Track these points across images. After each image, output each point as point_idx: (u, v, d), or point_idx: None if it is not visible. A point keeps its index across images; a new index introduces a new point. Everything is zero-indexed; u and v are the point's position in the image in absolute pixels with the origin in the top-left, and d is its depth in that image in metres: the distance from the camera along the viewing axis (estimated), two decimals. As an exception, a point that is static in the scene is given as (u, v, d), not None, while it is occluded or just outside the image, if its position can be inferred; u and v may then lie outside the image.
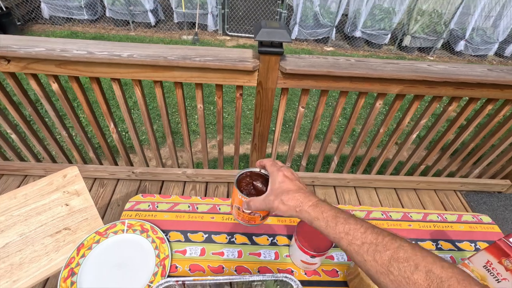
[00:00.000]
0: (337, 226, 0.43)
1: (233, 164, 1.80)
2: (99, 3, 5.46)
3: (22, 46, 1.14)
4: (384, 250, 0.38)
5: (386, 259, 0.37)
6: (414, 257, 0.35)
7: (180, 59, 1.16)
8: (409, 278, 0.34)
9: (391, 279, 0.36)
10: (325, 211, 0.45)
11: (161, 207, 0.87)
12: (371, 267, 0.39)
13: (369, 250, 0.39)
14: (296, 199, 0.48)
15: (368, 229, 0.41)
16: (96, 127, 1.52)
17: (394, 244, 0.38)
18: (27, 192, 0.96)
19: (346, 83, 1.28)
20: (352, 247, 0.41)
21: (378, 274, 0.38)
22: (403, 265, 0.35)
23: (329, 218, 0.44)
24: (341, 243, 0.43)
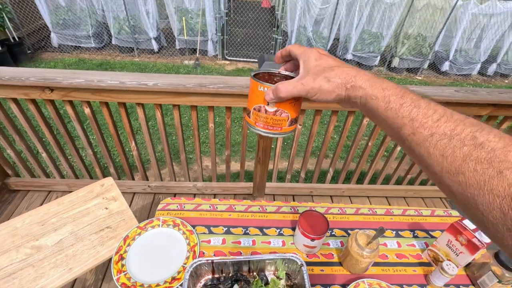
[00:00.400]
0: (401, 108, 0.33)
1: (239, 177, 2.00)
2: (106, 32, 5.83)
3: (65, 78, 1.36)
4: (461, 145, 0.29)
5: (460, 156, 0.29)
6: (501, 160, 0.26)
7: (197, 86, 1.39)
8: (485, 182, 0.26)
9: (460, 180, 0.28)
10: (387, 89, 0.35)
11: (187, 207, 1.06)
12: (436, 164, 0.31)
13: (439, 143, 0.30)
14: (346, 73, 0.38)
15: (443, 116, 0.31)
16: (119, 145, 1.73)
17: (476, 140, 0.28)
18: (72, 199, 1.15)
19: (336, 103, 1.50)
20: (416, 137, 0.32)
21: (443, 173, 0.30)
22: (483, 167, 0.27)
23: (392, 98, 0.34)
24: (402, 131, 0.34)
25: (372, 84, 0.36)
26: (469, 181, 0.28)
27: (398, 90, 0.35)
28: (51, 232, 1.03)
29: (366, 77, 0.37)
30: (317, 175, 1.97)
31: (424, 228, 1.06)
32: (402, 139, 0.35)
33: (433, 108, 0.33)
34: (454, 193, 0.30)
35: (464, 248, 0.83)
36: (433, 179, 0.33)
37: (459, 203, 0.30)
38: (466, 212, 0.30)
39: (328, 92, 0.39)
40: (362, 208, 1.12)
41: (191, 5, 5.36)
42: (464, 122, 0.30)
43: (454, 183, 0.30)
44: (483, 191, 0.27)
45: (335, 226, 1.04)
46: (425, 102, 0.33)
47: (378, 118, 0.37)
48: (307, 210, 0.92)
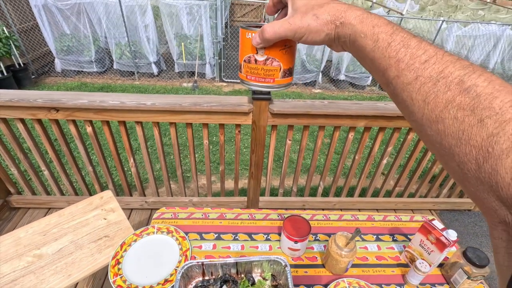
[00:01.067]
0: (388, 47, 0.31)
1: (234, 192, 2.07)
2: (108, 57, 6.08)
3: (69, 99, 1.47)
4: (445, 90, 0.26)
5: (442, 102, 0.26)
6: (485, 107, 0.24)
7: (191, 105, 1.50)
8: (464, 131, 0.25)
9: (439, 128, 0.26)
10: (378, 25, 0.32)
11: (181, 216, 1.13)
12: (417, 111, 0.29)
13: (423, 87, 0.28)
14: (336, 9, 0.34)
15: (433, 57, 0.28)
16: (118, 163, 1.81)
17: (463, 84, 0.26)
18: (72, 210, 1.22)
19: (322, 119, 1.62)
20: (400, 80, 0.30)
21: (423, 120, 0.28)
22: (464, 114, 0.25)
23: (381, 36, 0.31)
24: (387, 73, 0.31)
25: (363, 20, 0.33)
26: (448, 129, 0.26)
27: (389, 27, 0.32)
28: (52, 241, 1.10)
29: (358, 12, 0.34)
30: (309, 188, 2.04)
31: (403, 232, 1.13)
32: (387, 83, 0.32)
33: (423, 48, 0.29)
34: (433, 144, 0.28)
35: (434, 246, 0.90)
36: (415, 129, 0.31)
37: (438, 155, 0.29)
38: (444, 165, 0.29)
39: (316, 31, 0.35)
40: (345, 214, 1.19)
41: (190, 31, 5.65)
42: (454, 64, 0.27)
43: (433, 132, 0.27)
44: (460, 141, 0.25)
45: (319, 231, 1.11)
46: (415, 41, 0.30)
47: (366, 60, 0.34)
48: (291, 215, 1.00)
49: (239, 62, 0.46)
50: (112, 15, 5.32)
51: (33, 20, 5.43)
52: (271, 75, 0.44)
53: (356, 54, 0.36)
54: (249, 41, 0.42)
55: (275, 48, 0.41)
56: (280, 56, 0.42)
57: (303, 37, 0.37)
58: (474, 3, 9.46)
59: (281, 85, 0.45)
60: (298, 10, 0.37)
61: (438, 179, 2.08)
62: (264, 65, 0.43)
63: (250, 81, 0.45)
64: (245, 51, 0.43)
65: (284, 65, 0.43)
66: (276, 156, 3.65)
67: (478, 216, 2.21)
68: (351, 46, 0.35)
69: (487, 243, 2.03)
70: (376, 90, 6.50)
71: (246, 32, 0.42)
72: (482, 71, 0.26)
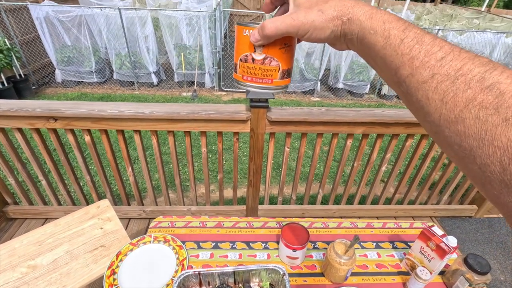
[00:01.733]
0: (401, 44, 0.29)
1: (232, 201, 2.05)
2: (108, 67, 6.14)
3: (68, 108, 1.48)
4: (465, 88, 0.25)
5: (462, 101, 0.25)
6: (510, 106, 0.22)
7: (190, 113, 1.50)
8: (487, 131, 0.23)
9: (459, 129, 0.25)
10: (388, 21, 0.31)
11: (178, 225, 1.12)
12: (434, 111, 0.27)
13: (440, 86, 0.26)
14: (343, 4, 0.33)
15: (449, 54, 0.27)
16: (116, 172, 1.80)
17: (484, 82, 0.24)
18: (68, 220, 1.21)
19: (320, 127, 1.62)
20: (415, 79, 0.28)
21: (441, 121, 0.27)
22: (487, 113, 0.23)
23: (393, 32, 0.30)
24: (399, 72, 0.29)
25: (372, 15, 0.31)
26: (469, 130, 0.24)
27: (400, 23, 0.30)
28: (47, 252, 1.08)
29: (366, 8, 0.32)
30: (308, 195, 2.03)
31: (403, 239, 1.12)
32: (399, 82, 0.30)
33: (438, 45, 0.28)
34: (451, 146, 0.27)
35: (434, 253, 0.88)
36: (430, 132, 0.29)
37: (456, 157, 0.27)
38: (462, 168, 0.27)
39: (321, 28, 0.34)
40: (344, 222, 1.18)
41: (189, 41, 5.72)
42: (473, 61, 0.26)
43: (452, 133, 0.26)
44: (483, 142, 0.23)
45: (318, 239, 1.09)
46: (430, 38, 0.28)
47: (376, 59, 0.32)
48: (289, 223, 0.99)
49: (234, 62, 0.43)
50: (113, 27, 5.39)
51: (34, 32, 5.50)
52: (269, 75, 0.41)
53: (364, 52, 0.34)
54: (246, 39, 0.40)
55: (274, 47, 0.39)
56: (279, 55, 0.40)
57: (306, 34, 0.35)
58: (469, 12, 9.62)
59: (279, 87, 0.43)
60: (301, 6, 0.35)
61: (438, 185, 2.07)
62: (262, 65, 0.41)
63: (246, 81, 0.43)
64: (242, 49, 0.41)
65: (283, 65, 0.41)
66: (275, 164, 3.64)
67: (479, 223, 2.19)
68: (359, 43, 0.33)
69: (490, 250, 2.00)
70: (374, 98, 6.54)
71: (243, 29, 0.40)
72: (503, 68, 0.25)
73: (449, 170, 1.97)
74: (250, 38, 0.39)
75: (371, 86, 6.44)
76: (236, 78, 0.45)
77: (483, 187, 0.25)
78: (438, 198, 2.18)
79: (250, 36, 0.39)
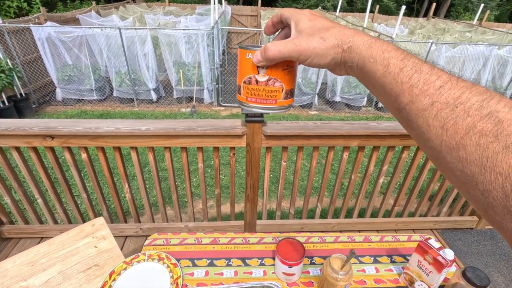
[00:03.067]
0: (401, 73, 0.30)
1: (230, 216, 2.03)
2: (108, 85, 6.23)
3: (65, 126, 1.49)
4: (464, 116, 0.26)
5: (462, 128, 0.26)
6: (509, 134, 0.23)
7: (186, 129, 1.52)
8: (488, 158, 0.24)
9: (460, 156, 0.26)
10: (387, 51, 0.32)
11: (173, 242, 1.10)
12: (435, 137, 0.28)
13: (440, 113, 0.27)
14: (343, 33, 0.35)
15: (447, 83, 0.28)
16: (113, 189, 1.80)
17: (482, 110, 0.25)
18: (63, 239, 1.19)
19: (315, 140, 1.63)
20: (415, 106, 0.29)
21: (442, 147, 0.27)
22: (487, 140, 0.24)
23: (392, 61, 0.31)
24: (399, 99, 0.31)
25: (371, 44, 0.33)
26: (470, 156, 0.25)
27: (399, 53, 0.32)
28: (40, 272, 1.06)
29: (366, 37, 0.34)
30: (306, 209, 2.01)
31: (401, 253, 1.10)
32: (399, 108, 0.31)
33: (436, 74, 0.29)
34: (453, 172, 0.27)
35: (432, 267, 0.87)
36: (431, 157, 0.30)
37: (458, 182, 0.28)
38: (465, 193, 0.28)
39: (322, 55, 0.35)
40: (341, 236, 1.16)
41: (188, 58, 5.84)
42: (470, 90, 0.27)
43: (454, 159, 0.27)
44: (484, 169, 0.24)
45: (315, 254, 1.08)
46: (428, 67, 0.30)
47: (375, 85, 0.34)
48: (285, 238, 0.98)
49: (238, 84, 0.44)
50: (113, 46, 5.51)
51: (36, 52, 5.62)
52: (273, 96, 0.42)
53: (364, 79, 0.35)
54: (249, 61, 0.41)
55: (277, 69, 0.41)
56: (282, 77, 0.41)
57: (308, 59, 0.36)
58: (461, 26, 9.86)
59: (282, 107, 0.44)
60: (303, 32, 0.36)
61: (437, 197, 2.06)
62: (266, 86, 0.42)
63: (250, 103, 0.43)
64: (245, 71, 0.42)
65: (286, 85, 0.42)
66: (273, 177, 3.63)
67: (481, 235, 2.16)
68: (359, 71, 0.35)
69: (493, 262, 1.96)
70: (371, 110, 6.60)
71: (246, 52, 0.41)
72: (500, 97, 0.26)
73: (447, 181, 1.96)
74: (252, 59, 0.40)
75: (368, 99, 6.52)
76: (240, 100, 0.45)
77: (486, 212, 0.26)
78: (438, 209, 2.16)
79: (252, 57, 0.40)
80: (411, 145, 1.73)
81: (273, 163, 3.97)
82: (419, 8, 17.84)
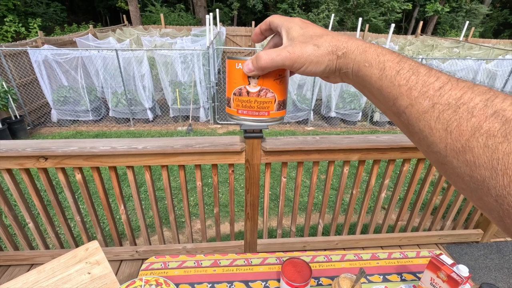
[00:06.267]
0: (397, 76, 0.29)
1: (230, 236, 1.96)
2: (104, 105, 6.23)
3: (59, 147, 1.46)
4: (468, 116, 0.24)
5: (467, 130, 0.24)
6: None
7: (183, 147, 1.49)
8: (499, 161, 0.22)
9: (468, 159, 0.24)
10: (383, 54, 0.31)
11: (171, 265, 1.04)
12: (438, 141, 0.26)
13: (442, 115, 0.26)
14: (337, 39, 0.34)
15: (447, 84, 0.27)
16: (108, 211, 1.73)
17: (487, 109, 0.24)
18: (54, 265, 1.13)
19: (315, 155, 1.61)
20: (415, 109, 0.28)
21: (447, 151, 0.26)
22: (495, 141, 0.23)
23: (388, 64, 0.30)
24: (398, 103, 0.29)
25: (365, 49, 0.32)
26: (479, 159, 0.23)
27: (394, 56, 0.31)
28: (29, 303, 0.99)
29: (359, 42, 0.33)
30: (308, 227, 1.96)
31: (411, 270, 1.05)
32: (398, 112, 0.30)
33: (434, 75, 0.28)
34: (461, 177, 0.25)
35: (446, 284, 0.83)
36: (436, 162, 0.28)
37: (467, 189, 0.25)
38: (476, 201, 0.25)
39: (317, 62, 0.34)
40: (348, 254, 1.12)
41: (184, 78, 5.89)
42: (472, 90, 0.25)
43: (461, 163, 0.25)
44: (496, 172, 0.22)
45: (321, 274, 1.02)
46: (425, 69, 0.29)
47: (372, 90, 0.32)
48: (290, 258, 0.93)
49: (227, 96, 0.42)
50: (110, 67, 5.56)
51: (32, 75, 5.64)
52: (266, 107, 0.41)
53: (360, 84, 0.34)
54: (239, 72, 0.39)
55: (269, 78, 0.39)
56: (274, 87, 0.40)
57: (302, 67, 0.35)
58: (448, 42, 10.21)
59: (275, 119, 0.42)
60: (296, 40, 0.35)
61: (440, 210, 2.02)
62: (258, 97, 0.40)
63: (242, 115, 0.41)
64: (235, 83, 0.40)
65: (279, 96, 0.41)
66: (273, 195, 3.57)
67: (488, 248, 2.11)
68: (354, 76, 0.34)
69: (502, 277, 1.90)
70: (367, 125, 6.65)
71: (236, 63, 0.39)
72: (505, 95, 0.24)
73: (449, 194, 1.94)
74: (243, 69, 0.38)
75: (363, 113, 6.59)
76: (229, 113, 0.43)
77: (502, 221, 0.23)
78: (442, 223, 2.12)
79: (243, 67, 0.38)
80: (412, 158, 1.71)
81: (272, 179, 3.93)
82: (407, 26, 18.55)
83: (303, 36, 0.35)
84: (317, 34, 0.35)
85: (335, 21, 13.10)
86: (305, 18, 7.19)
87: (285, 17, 0.38)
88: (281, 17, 0.38)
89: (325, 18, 13.45)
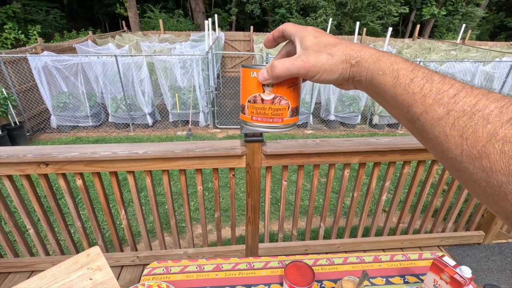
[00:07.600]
0: (411, 83, 0.30)
1: (231, 240, 1.96)
2: (103, 111, 6.24)
3: (60, 152, 1.46)
4: (484, 123, 0.25)
5: (483, 136, 0.25)
6: None
7: (184, 151, 1.49)
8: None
9: (484, 165, 0.24)
10: (396, 62, 0.32)
11: (173, 270, 1.04)
12: (454, 147, 0.27)
13: (457, 122, 0.26)
14: (351, 48, 0.34)
15: (462, 91, 0.27)
16: (108, 216, 1.73)
17: (503, 116, 0.24)
18: (55, 272, 1.12)
19: (315, 158, 1.61)
20: (430, 116, 0.28)
21: (463, 157, 0.26)
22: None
23: (401, 72, 0.31)
24: (412, 110, 0.30)
25: (379, 57, 0.33)
26: (495, 165, 0.24)
27: (408, 64, 0.31)
28: (30, 310, 0.98)
29: (373, 51, 0.34)
30: (309, 230, 1.95)
31: (414, 272, 1.05)
32: (413, 119, 0.30)
33: (448, 83, 0.28)
34: (478, 183, 0.26)
35: (450, 286, 0.82)
36: (451, 168, 0.28)
37: (484, 194, 0.26)
38: (492, 206, 0.26)
39: (331, 71, 0.35)
40: (350, 257, 1.11)
41: (183, 83, 5.92)
42: (487, 97, 0.26)
43: (477, 169, 0.25)
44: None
45: (324, 277, 1.02)
46: (439, 77, 0.29)
47: (386, 97, 0.33)
48: (293, 261, 0.93)
49: (241, 104, 0.43)
50: (109, 72, 5.58)
51: (32, 81, 5.66)
52: (280, 114, 0.42)
53: (374, 91, 0.35)
54: (254, 80, 0.40)
55: (283, 86, 0.40)
56: (288, 94, 0.41)
57: (316, 76, 0.36)
58: (446, 45, 10.28)
59: (288, 125, 0.43)
60: (310, 49, 0.36)
61: (441, 212, 2.02)
62: (272, 104, 0.41)
63: (256, 122, 0.42)
64: (250, 91, 0.41)
65: (292, 103, 0.42)
66: (274, 199, 3.56)
67: (489, 250, 2.10)
68: (368, 84, 0.34)
69: (505, 279, 1.90)
70: (366, 128, 6.67)
71: (251, 71, 0.40)
72: None
73: (450, 196, 1.94)
74: (258, 77, 0.39)
75: (362, 116, 6.61)
76: (244, 120, 0.44)
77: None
78: (443, 225, 2.12)
79: (258, 75, 0.39)
80: (412, 160, 1.71)
81: (272, 183, 3.92)
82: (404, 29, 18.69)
83: (317, 45, 0.36)
84: (330, 43, 0.36)
85: (332, 25, 13.19)
86: (303, 23, 7.22)
87: (299, 25, 0.39)
88: (295, 26, 0.39)
89: (323, 22, 13.56)
